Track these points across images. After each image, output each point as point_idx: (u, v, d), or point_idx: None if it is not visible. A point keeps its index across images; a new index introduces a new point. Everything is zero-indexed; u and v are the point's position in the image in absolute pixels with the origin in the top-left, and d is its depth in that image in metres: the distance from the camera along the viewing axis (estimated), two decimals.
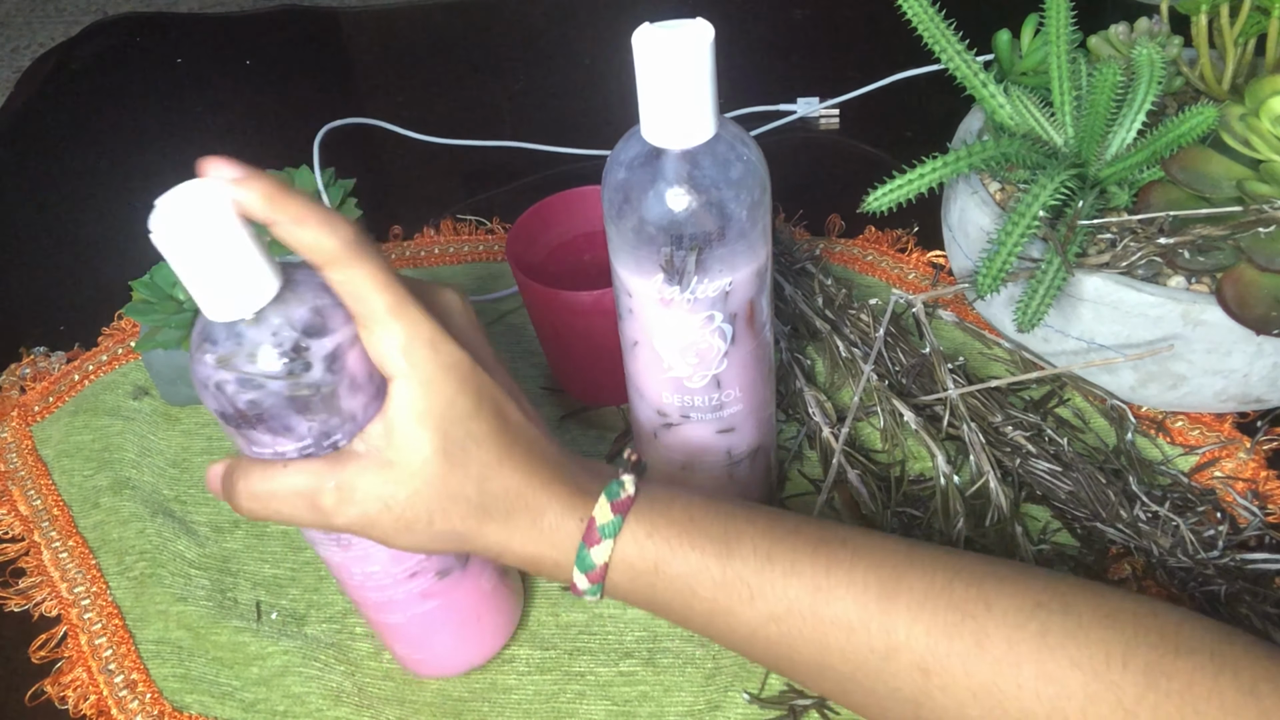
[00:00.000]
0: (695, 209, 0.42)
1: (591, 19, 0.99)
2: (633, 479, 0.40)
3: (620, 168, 0.43)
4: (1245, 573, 0.51)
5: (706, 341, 0.46)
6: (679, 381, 0.47)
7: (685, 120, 0.40)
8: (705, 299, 0.44)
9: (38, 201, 0.87)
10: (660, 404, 0.49)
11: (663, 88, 0.39)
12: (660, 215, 0.42)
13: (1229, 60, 0.57)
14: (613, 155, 0.43)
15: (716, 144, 0.41)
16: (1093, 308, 0.53)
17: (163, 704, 0.52)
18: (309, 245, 0.34)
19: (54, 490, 0.63)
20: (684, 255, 0.42)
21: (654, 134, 0.41)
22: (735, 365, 0.47)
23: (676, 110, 0.40)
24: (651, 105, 0.40)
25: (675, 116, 0.40)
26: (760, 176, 0.43)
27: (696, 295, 0.44)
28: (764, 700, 0.50)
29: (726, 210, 0.42)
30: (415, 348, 0.36)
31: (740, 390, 0.48)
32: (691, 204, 0.41)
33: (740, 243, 0.43)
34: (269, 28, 1.04)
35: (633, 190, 0.42)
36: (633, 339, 0.48)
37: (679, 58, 0.38)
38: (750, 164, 0.42)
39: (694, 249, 0.42)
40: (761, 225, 0.44)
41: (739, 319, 0.45)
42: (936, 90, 0.67)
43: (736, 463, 0.51)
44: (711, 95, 0.40)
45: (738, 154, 0.42)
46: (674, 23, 0.39)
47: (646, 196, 0.42)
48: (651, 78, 0.39)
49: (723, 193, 0.42)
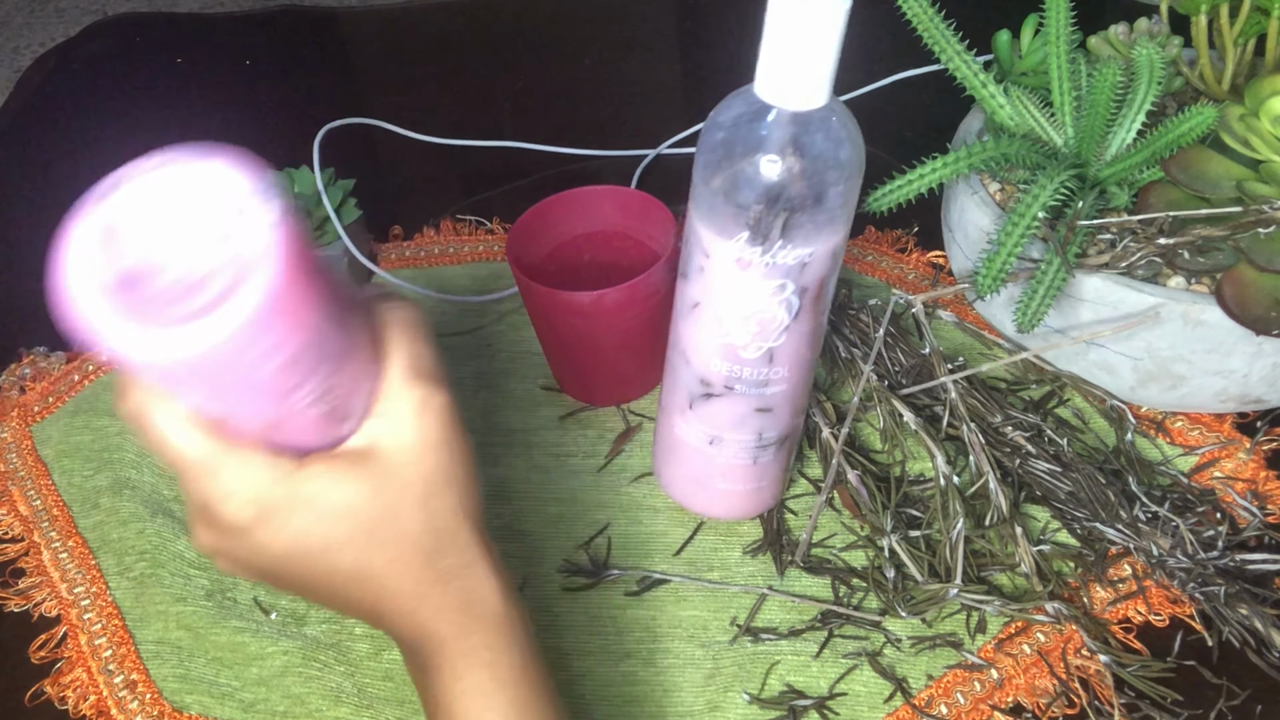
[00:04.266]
0: (795, 172, 0.42)
1: (592, 19, 0.99)
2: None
3: (726, 120, 0.43)
4: (1245, 573, 0.51)
5: (771, 311, 0.46)
6: (733, 349, 0.47)
7: (804, 82, 0.40)
8: (782, 266, 0.44)
9: (37, 201, 0.87)
10: (707, 371, 0.49)
11: (790, 45, 0.39)
12: (757, 173, 0.42)
13: (1229, 60, 0.57)
14: (717, 110, 0.43)
15: (826, 113, 0.42)
16: (1093, 308, 0.53)
17: (163, 704, 0.52)
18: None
19: (54, 490, 0.63)
20: (773, 217, 0.43)
21: (769, 91, 0.41)
22: (791, 342, 0.47)
23: (798, 70, 0.40)
24: (774, 60, 0.40)
25: (795, 76, 0.40)
26: (859, 155, 0.43)
27: (776, 260, 0.44)
28: (764, 700, 0.50)
29: (824, 180, 0.42)
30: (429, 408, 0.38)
31: (789, 369, 0.48)
32: (793, 166, 0.42)
33: (828, 215, 0.43)
34: (269, 28, 1.04)
35: (736, 144, 0.42)
36: (694, 300, 0.48)
37: (813, 16, 0.38)
38: (854, 141, 0.43)
39: (784, 212, 0.42)
40: (850, 203, 0.44)
41: (808, 294, 0.46)
42: (936, 90, 0.67)
43: (764, 447, 0.51)
44: (834, 61, 0.40)
45: (844, 127, 0.42)
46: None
47: (749, 152, 0.42)
48: (781, 31, 0.39)
49: (824, 161, 0.42)
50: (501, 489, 0.60)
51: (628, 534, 0.57)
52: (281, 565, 0.37)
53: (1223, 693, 0.48)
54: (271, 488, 0.35)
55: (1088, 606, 0.51)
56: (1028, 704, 0.49)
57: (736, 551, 0.55)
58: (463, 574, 0.39)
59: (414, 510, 0.37)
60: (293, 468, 0.36)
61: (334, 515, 0.36)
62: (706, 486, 0.54)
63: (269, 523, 0.36)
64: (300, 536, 0.36)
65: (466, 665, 0.39)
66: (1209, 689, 0.48)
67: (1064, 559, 0.53)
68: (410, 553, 0.38)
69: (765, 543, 0.55)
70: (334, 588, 0.38)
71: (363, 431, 0.37)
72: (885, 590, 0.52)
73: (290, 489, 0.36)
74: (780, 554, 0.55)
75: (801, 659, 0.51)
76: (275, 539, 0.36)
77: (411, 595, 0.38)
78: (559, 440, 0.62)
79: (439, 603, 0.39)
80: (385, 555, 0.37)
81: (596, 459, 0.61)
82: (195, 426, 0.34)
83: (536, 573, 0.56)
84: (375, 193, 0.75)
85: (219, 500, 0.35)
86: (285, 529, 0.36)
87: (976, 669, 0.50)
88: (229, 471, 0.35)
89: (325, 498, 0.36)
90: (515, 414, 0.64)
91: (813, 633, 0.52)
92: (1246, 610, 0.49)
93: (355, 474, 0.36)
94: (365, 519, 0.37)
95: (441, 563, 0.38)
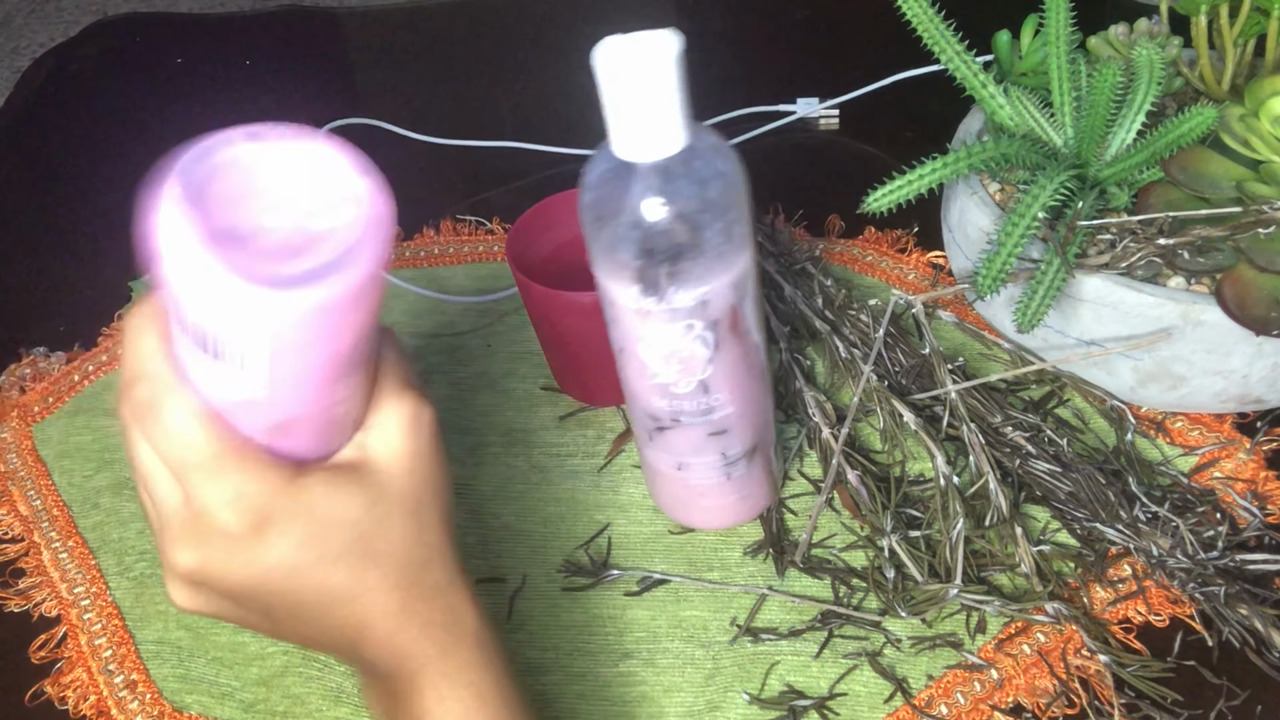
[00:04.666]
0: (665, 221, 0.41)
1: (592, 19, 0.99)
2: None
3: (591, 181, 0.42)
4: (1245, 573, 0.51)
5: (689, 349, 0.45)
6: (665, 388, 0.47)
7: (653, 133, 0.40)
8: (682, 308, 0.44)
9: (38, 202, 0.87)
10: (650, 408, 0.49)
11: (628, 101, 0.39)
12: (630, 229, 0.41)
13: (1229, 61, 0.57)
14: (585, 169, 0.43)
15: (688, 155, 0.41)
16: (1093, 308, 0.53)
17: (163, 704, 0.52)
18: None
19: (54, 490, 0.63)
20: (656, 267, 0.42)
21: (622, 148, 0.40)
22: (722, 370, 0.47)
23: (644, 123, 0.39)
24: (618, 119, 0.40)
25: (643, 130, 0.39)
26: (735, 186, 0.42)
27: (673, 305, 0.43)
28: (764, 700, 0.50)
29: (699, 222, 0.42)
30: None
31: (730, 393, 0.48)
32: (661, 217, 0.41)
33: (715, 252, 0.42)
34: (269, 28, 1.04)
35: (604, 204, 0.42)
36: (619, 346, 0.48)
37: (643, 70, 0.38)
38: (724, 175, 0.42)
39: (665, 261, 0.42)
40: (738, 233, 0.43)
41: (721, 326, 0.45)
42: (936, 91, 0.67)
43: (733, 463, 0.51)
44: (679, 106, 0.39)
45: (710, 164, 0.41)
46: (639, 34, 0.38)
47: (617, 210, 0.41)
48: (615, 90, 0.39)
49: (693, 204, 0.41)
50: (501, 489, 0.60)
51: (628, 534, 0.57)
52: (271, 581, 0.36)
53: (1223, 693, 0.48)
54: (273, 495, 0.34)
55: (1088, 606, 0.51)
56: (1028, 704, 0.49)
57: (736, 551, 0.55)
58: (447, 590, 0.39)
59: (406, 523, 0.37)
60: (293, 475, 0.35)
61: (332, 526, 0.35)
62: (689, 504, 0.55)
63: (269, 531, 0.35)
64: (298, 547, 0.35)
65: (450, 685, 0.38)
66: (1209, 689, 0.48)
67: (1064, 559, 0.53)
68: (400, 568, 0.37)
69: (765, 543, 0.55)
70: (319, 608, 0.37)
71: (355, 443, 0.37)
72: (885, 590, 0.52)
73: (291, 497, 0.35)
74: (780, 554, 0.55)
75: (801, 659, 0.51)
76: (272, 549, 0.35)
77: (398, 613, 0.38)
78: (559, 440, 0.62)
79: (424, 620, 0.38)
80: (378, 569, 0.37)
81: (596, 459, 0.61)
82: (206, 424, 0.33)
83: (536, 573, 0.56)
84: None
85: (221, 504, 0.34)
86: (284, 539, 0.35)
87: (976, 669, 0.50)
88: (233, 475, 0.34)
89: (324, 508, 0.35)
90: (515, 414, 0.64)
91: (813, 633, 0.52)
92: (1246, 610, 0.49)
93: (352, 485, 0.36)
94: (361, 531, 0.36)
95: (428, 578, 0.38)
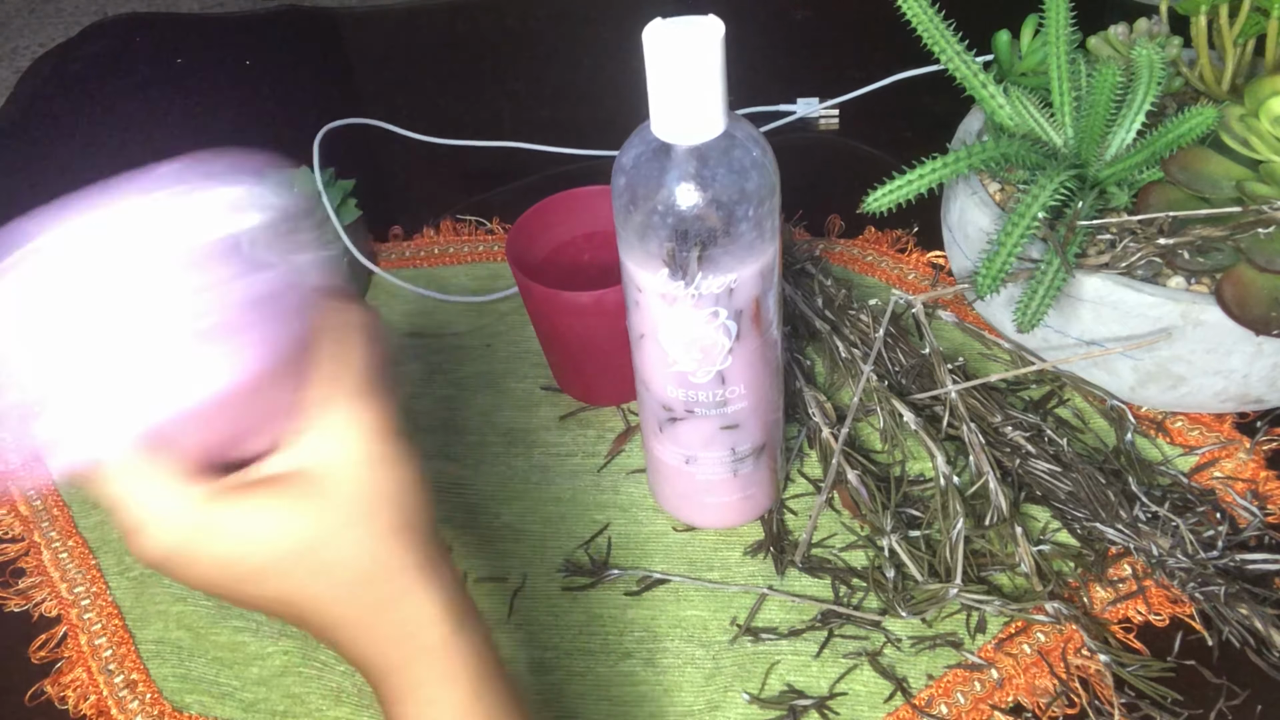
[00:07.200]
0: (700, 206, 0.42)
1: (592, 19, 0.99)
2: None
3: (627, 162, 0.43)
4: (1245, 573, 0.51)
5: (711, 337, 0.46)
6: (683, 376, 0.48)
7: (694, 116, 0.40)
8: (709, 295, 0.44)
9: (38, 201, 0.87)
10: (665, 398, 0.49)
11: (672, 83, 0.40)
12: (665, 211, 0.42)
13: (1228, 61, 0.57)
14: (622, 150, 0.44)
15: (725, 141, 0.41)
16: (1093, 308, 0.54)
17: (163, 704, 0.52)
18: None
19: (54, 490, 0.63)
20: (687, 252, 0.43)
21: (663, 129, 0.41)
22: (740, 362, 0.47)
23: (685, 106, 0.40)
24: (661, 100, 0.40)
25: (684, 112, 0.40)
26: (769, 176, 0.43)
27: (700, 291, 0.44)
28: (764, 700, 0.50)
29: (732, 208, 0.42)
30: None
31: (745, 387, 0.48)
32: (697, 201, 0.42)
33: (745, 241, 0.43)
34: (269, 28, 1.04)
35: (639, 185, 0.42)
36: (639, 332, 0.48)
37: (689, 53, 0.39)
38: (759, 163, 0.42)
39: (697, 245, 0.42)
40: (769, 224, 0.44)
41: (744, 316, 0.46)
42: (936, 90, 0.67)
43: (740, 460, 0.51)
44: (720, 92, 0.40)
45: (747, 152, 0.42)
46: (685, 19, 0.39)
47: (652, 191, 0.42)
48: (661, 72, 0.40)
49: (729, 191, 0.42)
50: (501, 489, 0.60)
51: (628, 534, 0.57)
52: (213, 590, 0.36)
53: (1223, 693, 0.48)
54: (180, 518, 0.34)
55: (1088, 606, 0.51)
56: (1028, 704, 0.49)
57: (736, 551, 0.55)
58: (400, 603, 0.37)
59: (345, 536, 0.36)
60: (207, 494, 0.34)
61: (253, 542, 0.35)
62: (693, 501, 0.55)
63: (181, 555, 0.34)
64: (221, 565, 0.35)
65: (412, 701, 0.37)
66: (1209, 689, 0.48)
67: (1064, 559, 0.53)
68: (345, 583, 0.36)
69: (765, 543, 0.55)
70: (276, 613, 0.37)
71: (288, 453, 0.36)
72: (885, 590, 0.52)
73: (204, 517, 0.34)
74: (780, 554, 0.55)
75: (801, 659, 0.51)
76: (191, 569, 0.35)
77: (355, 623, 0.37)
78: (559, 440, 0.62)
79: (377, 634, 0.37)
80: (317, 585, 0.36)
81: (596, 459, 0.61)
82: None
83: (536, 573, 0.56)
84: (375, 193, 0.75)
85: (130, 532, 0.34)
86: (200, 560, 0.35)
87: (976, 669, 0.50)
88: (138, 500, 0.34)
89: (244, 525, 0.35)
90: (515, 414, 0.64)
91: (813, 633, 0.52)
92: (1246, 610, 0.49)
93: (279, 499, 0.35)
94: (290, 546, 0.35)
95: (379, 591, 0.37)
